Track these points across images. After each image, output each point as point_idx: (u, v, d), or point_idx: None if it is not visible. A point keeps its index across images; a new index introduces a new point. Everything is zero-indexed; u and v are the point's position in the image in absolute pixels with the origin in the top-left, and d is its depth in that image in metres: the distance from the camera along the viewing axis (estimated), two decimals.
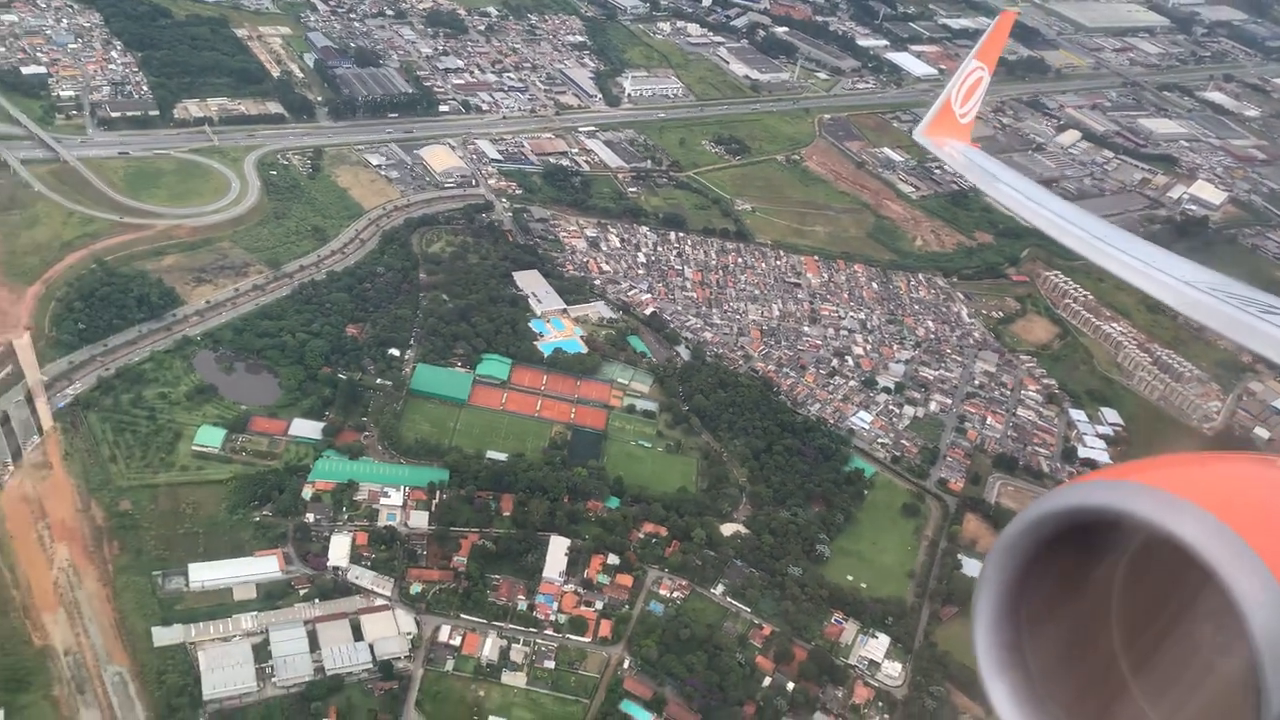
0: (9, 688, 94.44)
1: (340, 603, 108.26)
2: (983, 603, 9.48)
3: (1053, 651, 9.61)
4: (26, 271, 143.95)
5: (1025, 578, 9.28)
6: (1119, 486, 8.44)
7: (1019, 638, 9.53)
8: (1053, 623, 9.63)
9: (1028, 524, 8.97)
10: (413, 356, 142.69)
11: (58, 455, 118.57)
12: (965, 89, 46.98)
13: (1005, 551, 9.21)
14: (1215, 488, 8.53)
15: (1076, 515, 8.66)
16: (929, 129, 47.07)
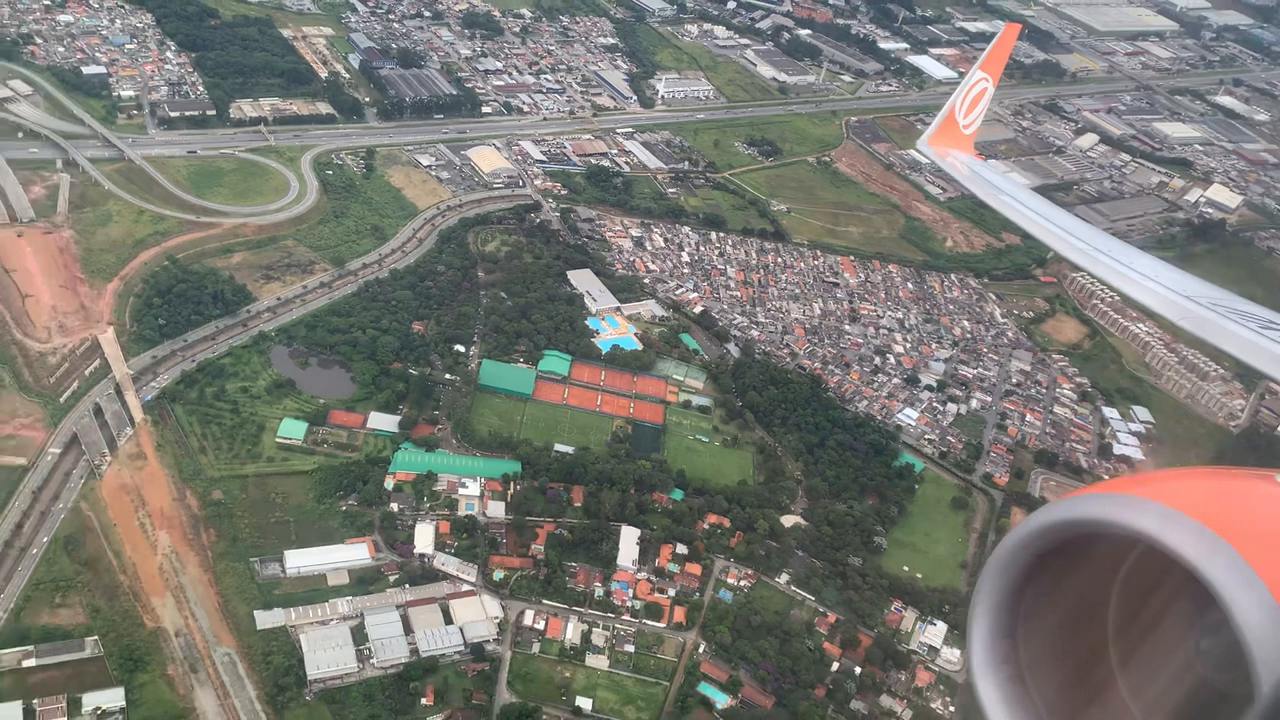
0: (127, 667, 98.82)
1: (429, 588, 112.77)
2: (980, 612, 9.55)
3: (1047, 661, 9.65)
4: (104, 268, 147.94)
5: (1022, 588, 9.37)
6: (1117, 500, 8.52)
7: (1014, 648, 9.59)
8: (1048, 633, 9.66)
9: (1027, 535, 9.07)
10: (477, 353, 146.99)
11: (150, 446, 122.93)
12: (969, 100, 46.91)
13: (1004, 562, 9.32)
14: (1213, 503, 8.52)
15: (1075, 528, 8.75)
16: (933, 139, 46.96)
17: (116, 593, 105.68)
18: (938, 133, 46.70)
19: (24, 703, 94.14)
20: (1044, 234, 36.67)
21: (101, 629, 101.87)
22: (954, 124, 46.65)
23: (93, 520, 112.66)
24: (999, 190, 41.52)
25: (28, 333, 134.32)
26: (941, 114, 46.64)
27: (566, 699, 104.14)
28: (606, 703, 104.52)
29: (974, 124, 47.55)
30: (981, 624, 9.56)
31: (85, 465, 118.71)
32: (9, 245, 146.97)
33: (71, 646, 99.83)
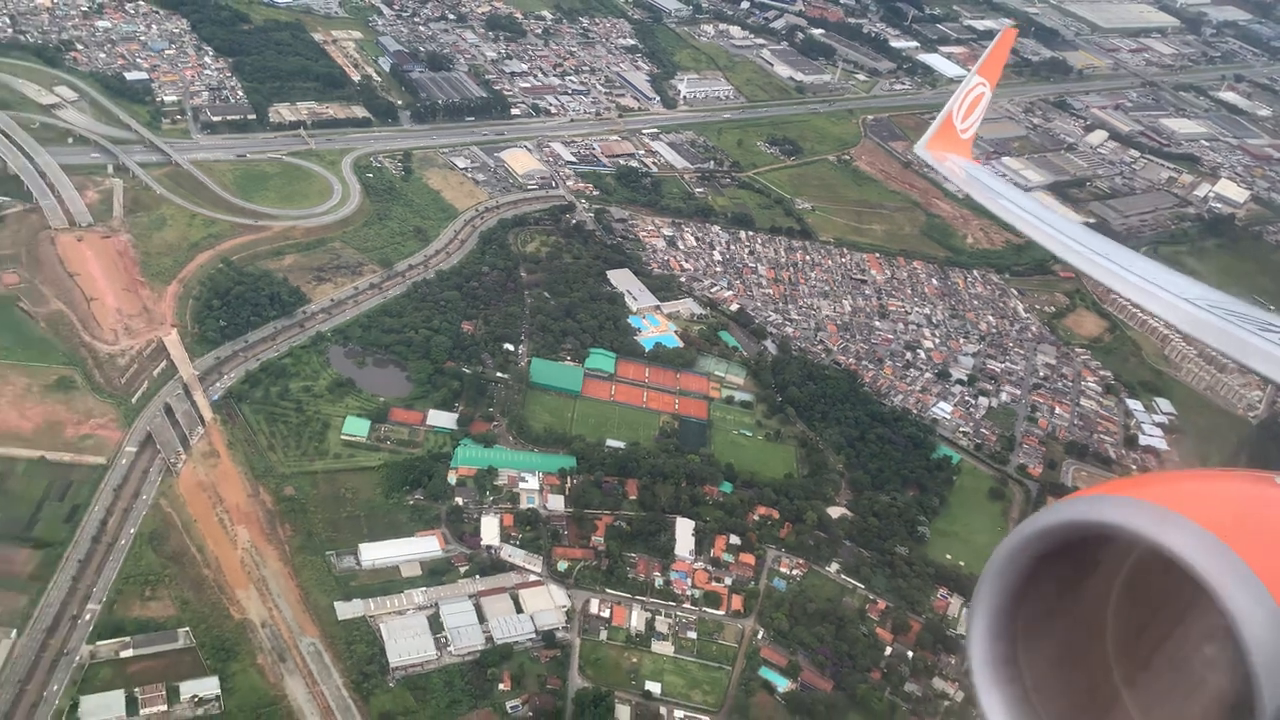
0: (219, 657, 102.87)
1: (498, 578, 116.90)
2: (979, 615, 9.49)
3: (1047, 664, 9.60)
4: (163, 271, 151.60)
5: (1022, 591, 9.30)
6: (1117, 502, 8.47)
7: (1014, 651, 9.53)
8: (1047, 636, 9.60)
9: (1026, 538, 9.01)
10: (525, 351, 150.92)
11: (222, 444, 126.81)
12: (967, 104, 46.41)
13: (1003, 564, 9.25)
14: (1213, 505, 8.51)
15: (1074, 530, 8.68)
16: (930, 143, 46.44)
17: (203, 586, 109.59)
18: (935, 137, 46.51)
19: (126, 691, 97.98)
20: (1043, 237, 36.56)
21: (191, 621, 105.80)
22: (951, 128, 46.42)
23: (173, 516, 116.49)
24: (997, 194, 41.31)
25: (95, 335, 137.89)
26: (939, 118, 46.46)
27: (636, 683, 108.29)
28: (674, 687, 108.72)
29: (971, 128, 47.31)
30: (980, 627, 9.52)
31: (161, 463, 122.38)
32: (71, 249, 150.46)
33: (165, 637, 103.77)
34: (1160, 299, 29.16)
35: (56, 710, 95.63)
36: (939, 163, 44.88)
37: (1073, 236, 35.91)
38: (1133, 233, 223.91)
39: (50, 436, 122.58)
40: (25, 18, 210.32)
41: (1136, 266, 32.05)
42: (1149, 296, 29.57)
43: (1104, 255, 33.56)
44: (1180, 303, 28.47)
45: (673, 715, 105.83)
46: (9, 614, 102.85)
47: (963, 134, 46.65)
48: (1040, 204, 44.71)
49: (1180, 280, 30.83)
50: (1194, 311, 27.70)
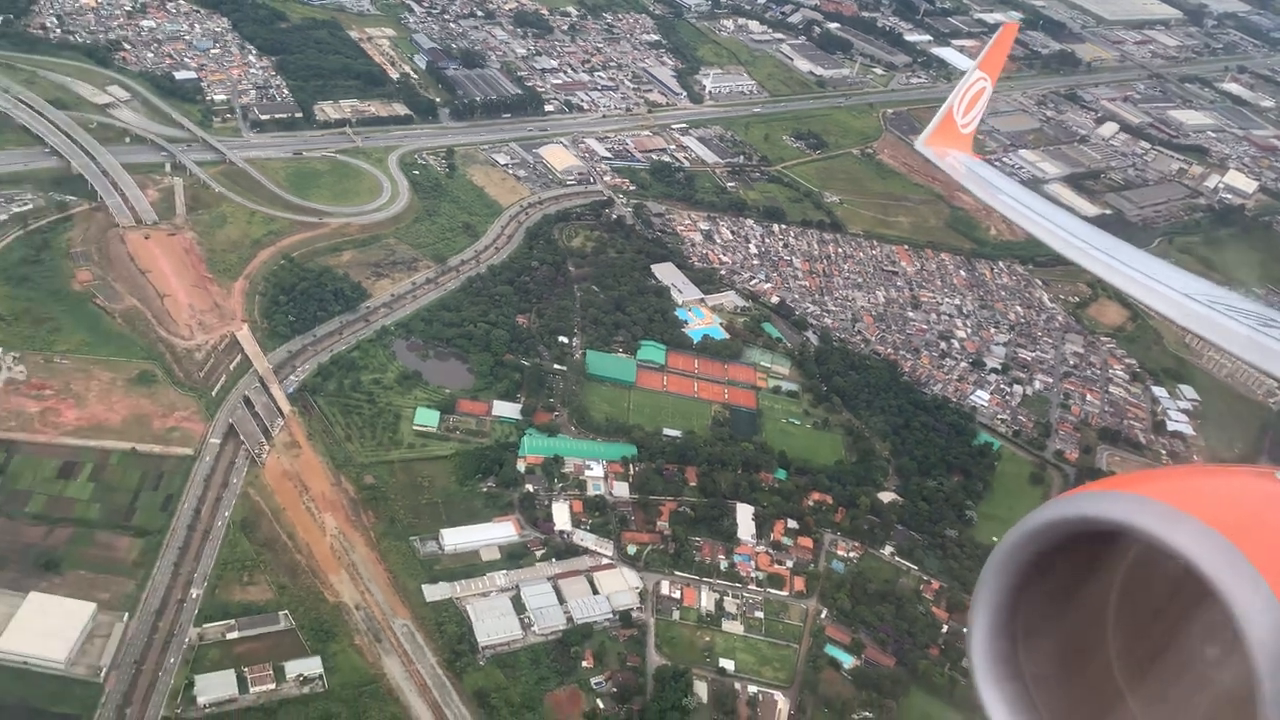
0: (319, 638, 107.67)
1: (573, 561, 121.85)
2: (979, 611, 9.44)
3: (1048, 661, 9.54)
4: (229, 268, 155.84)
5: (1022, 588, 9.24)
6: (1118, 498, 8.44)
7: (1015, 647, 9.48)
8: (1049, 633, 9.54)
9: (1027, 533, 8.94)
10: (579, 344, 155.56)
11: (302, 435, 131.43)
12: (968, 99, 46.22)
13: (1003, 560, 9.19)
14: (1215, 501, 8.46)
15: (1075, 526, 8.64)
16: (930, 139, 46.15)
17: (297, 571, 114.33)
18: (936, 132, 46.23)
19: (236, 670, 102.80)
20: (1043, 233, 36.53)
21: (289, 604, 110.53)
22: (952, 124, 46.20)
23: (262, 505, 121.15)
24: (998, 189, 41.55)
25: (171, 331, 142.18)
26: (940, 114, 46.22)
27: (710, 661, 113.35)
28: (746, 664, 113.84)
29: (972, 123, 47.08)
30: (981, 622, 9.45)
31: (245, 454, 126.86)
32: (140, 247, 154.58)
33: (268, 620, 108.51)
34: (1161, 294, 29.50)
35: (172, 689, 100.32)
36: (939, 158, 44.92)
37: (1073, 232, 36.30)
38: (1147, 224, 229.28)
39: (139, 429, 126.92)
40: (72, 17, 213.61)
41: (1137, 262, 32.51)
42: (1149, 292, 29.97)
43: (1104, 250, 33.94)
44: (1181, 298, 28.91)
45: (746, 690, 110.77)
46: (119, 598, 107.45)
47: (963, 129, 46.59)
48: (1040, 199, 43.54)
49: (1180, 275, 31.61)
50: (1195, 307, 28.11)
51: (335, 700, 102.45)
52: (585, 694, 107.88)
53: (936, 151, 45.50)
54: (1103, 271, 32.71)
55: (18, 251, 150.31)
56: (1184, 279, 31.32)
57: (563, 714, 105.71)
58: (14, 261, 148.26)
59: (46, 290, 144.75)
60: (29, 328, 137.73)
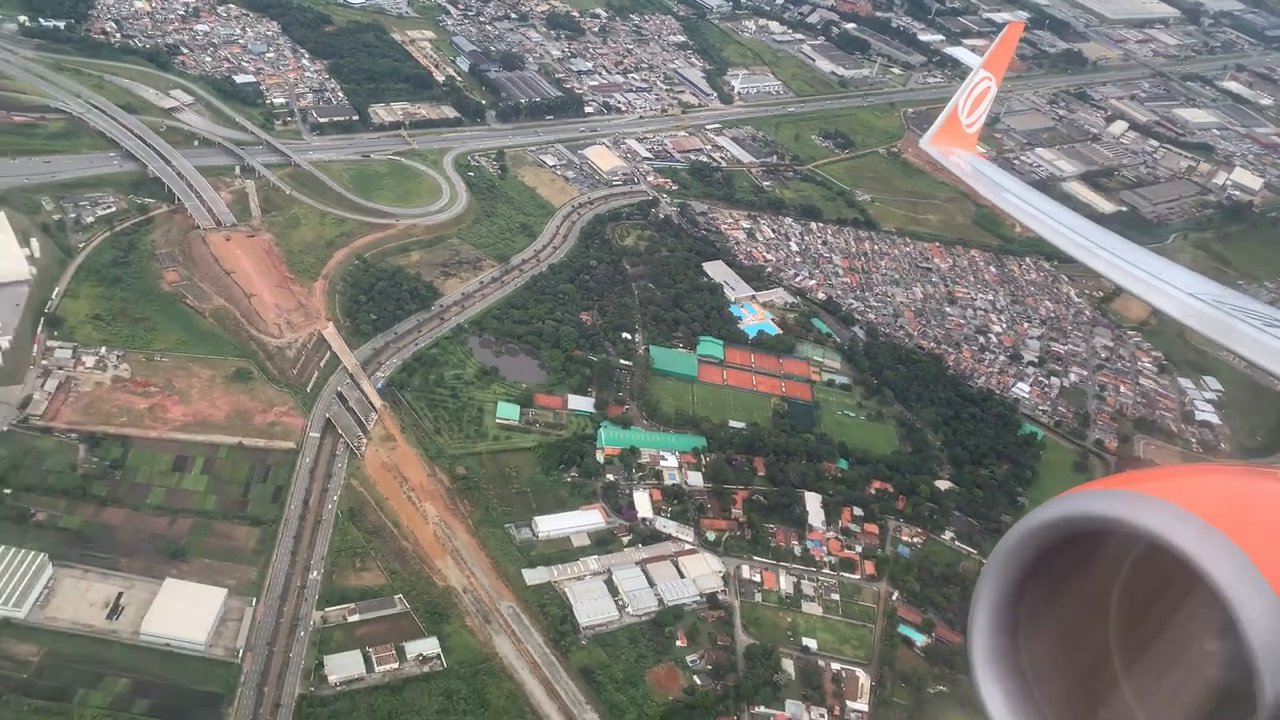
0: (433, 619, 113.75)
1: (658, 547, 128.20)
2: (981, 607, 9.52)
3: (1048, 658, 9.61)
4: (307, 268, 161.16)
5: (1024, 584, 9.31)
6: (1120, 496, 8.50)
7: (1015, 644, 9.57)
8: (1049, 629, 9.60)
9: (1028, 531, 9.03)
10: (641, 339, 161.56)
11: (395, 429, 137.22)
12: (973, 99, 46.09)
13: (1005, 558, 9.25)
14: (1217, 500, 8.48)
15: (1076, 524, 8.72)
16: (935, 138, 46.19)
17: (405, 557, 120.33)
18: (940, 132, 46.27)
19: (361, 651, 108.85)
20: (1047, 231, 36.58)
21: (402, 588, 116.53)
22: (957, 123, 46.13)
23: (365, 495, 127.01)
24: (1002, 188, 41.53)
25: (261, 329, 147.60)
26: (944, 113, 46.21)
27: (794, 639, 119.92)
28: (826, 642, 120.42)
29: (977, 123, 47.02)
30: (982, 619, 9.49)
31: (344, 447, 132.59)
32: (222, 248, 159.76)
33: (384, 603, 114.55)
34: (1165, 293, 29.43)
35: (304, 669, 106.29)
36: (944, 157, 44.82)
37: (1077, 230, 36.25)
38: (1162, 220, 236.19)
39: (242, 424, 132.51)
40: (129, 22, 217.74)
41: (1141, 261, 32.35)
42: (1155, 291, 29.86)
43: (1110, 249, 33.92)
44: (1185, 297, 28.77)
45: (830, 667, 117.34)
46: (244, 584, 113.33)
47: (968, 128, 46.60)
48: (1044, 197, 43.65)
49: (1185, 275, 31.38)
50: (1199, 306, 27.97)
51: (454, 678, 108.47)
52: (682, 671, 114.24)
53: (941, 151, 45.43)
54: (1108, 270, 32.60)
55: (107, 253, 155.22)
56: (1189, 278, 30.83)
57: (663, 689, 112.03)
58: (105, 263, 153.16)
59: (138, 290, 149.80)
60: (127, 327, 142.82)
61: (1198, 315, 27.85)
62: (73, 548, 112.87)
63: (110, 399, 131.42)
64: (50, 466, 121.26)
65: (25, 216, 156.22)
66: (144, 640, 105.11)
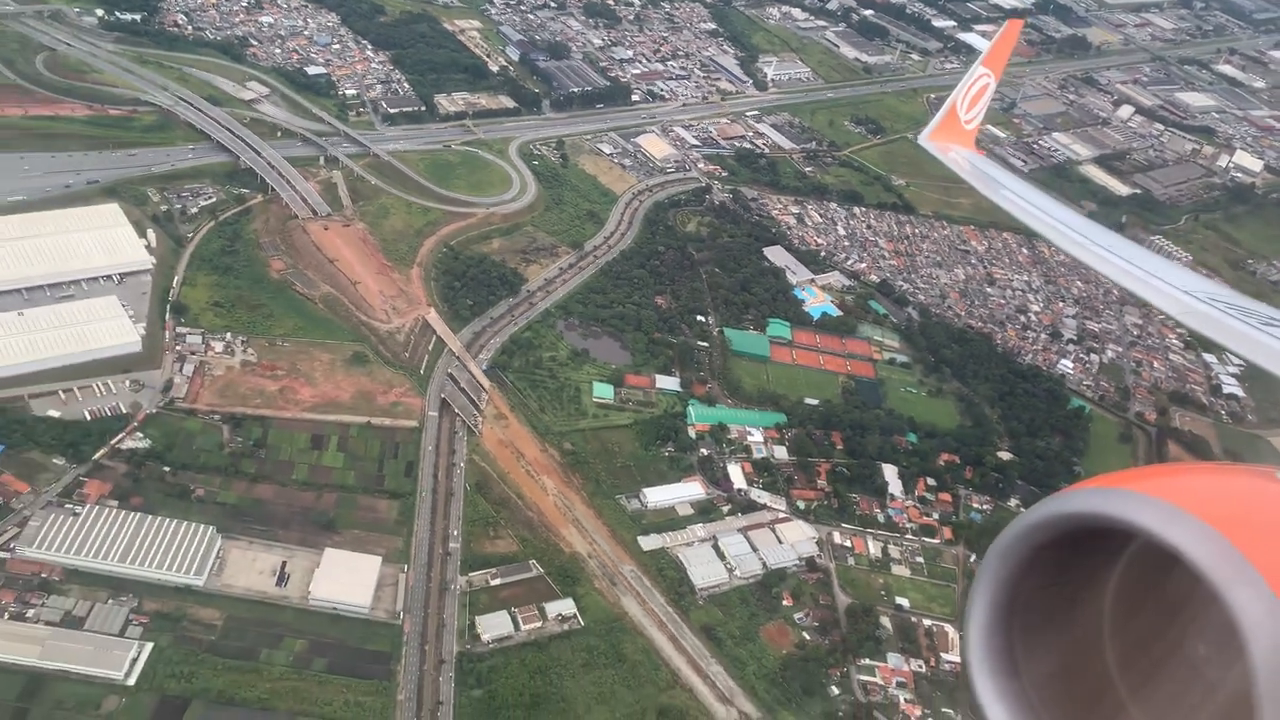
0: (565, 582, 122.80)
1: (755, 516, 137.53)
2: (976, 608, 9.43)
3: (1046, 660, 9.53)
4: (403, 256, 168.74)
5: (1021, 583, 9.21)
6: (1118, 495, 8.40)
7: (1012, 645, 9.46)
8: (1046, 631, 9.52)
9: (1024, 529, 8.94)
10: (714, 322, 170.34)
11: (505, 407, 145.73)
12: (971, 95, 46.33)
13: (1001, 557, 9.16)
14: (1214, 500, 8.37)
15: (1073, 522, 8.59)
16: (934, 134, 46.03)
17: (533, 526, 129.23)
18: (939, 128, 46.33)
19: (508, 611, 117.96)
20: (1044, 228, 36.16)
21: (533, 554, 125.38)
22: (955, 119, 46.28)
23: (487, 470, 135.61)
24: (1000, 185, 41.41)
25: (369, 315, 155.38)
26: (943, 109, 46.32)
27: (888, 599, 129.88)
28: (916, 601, 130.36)
29: (975, 119, 47.13)
30: (978, 617, 9.44)
31: (461, 425, 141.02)
32: (322, 237, 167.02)
33: (521, 568, 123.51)
34: (1161, 291, 29.03)
35: (459, 629, 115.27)
36: (942, 154, 44.93)
37: (1074, 228, 35.81)
38: (1173, 202, 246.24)
39: (366, 404, 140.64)
40: (197, 14, 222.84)
41: (1138, 259, 32.10)
42: (1149, 288, 29.44)
43: (1107, 247, 33.51)
44: (1180, 295, 28.44)
45: (922, 623, 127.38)
46: (392, 552, 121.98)
47: (966, 125, 46.85)
48: (1041, 194, 43.37)
49: (1180, 272, 31.67)
50: (1194, 304, 27.60)
51: (591, 635, 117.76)
52: (791, 628, 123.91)
53: (939, 146, 45.47)
54: (1105, 267, 32.18)
55: (214, 242, 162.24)
56: (1185, 276, 30.80)
57: (776, 645, 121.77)
58: (214, 252, 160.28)
59: (250, 278, 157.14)
60: (246, 313, 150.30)
61: (1193, 313, 27.47)
62: (234, 521, 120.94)
63: (243, 382, 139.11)
64: (200, 446, 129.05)
65: (135, 208, 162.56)
66: (313, 604, 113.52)
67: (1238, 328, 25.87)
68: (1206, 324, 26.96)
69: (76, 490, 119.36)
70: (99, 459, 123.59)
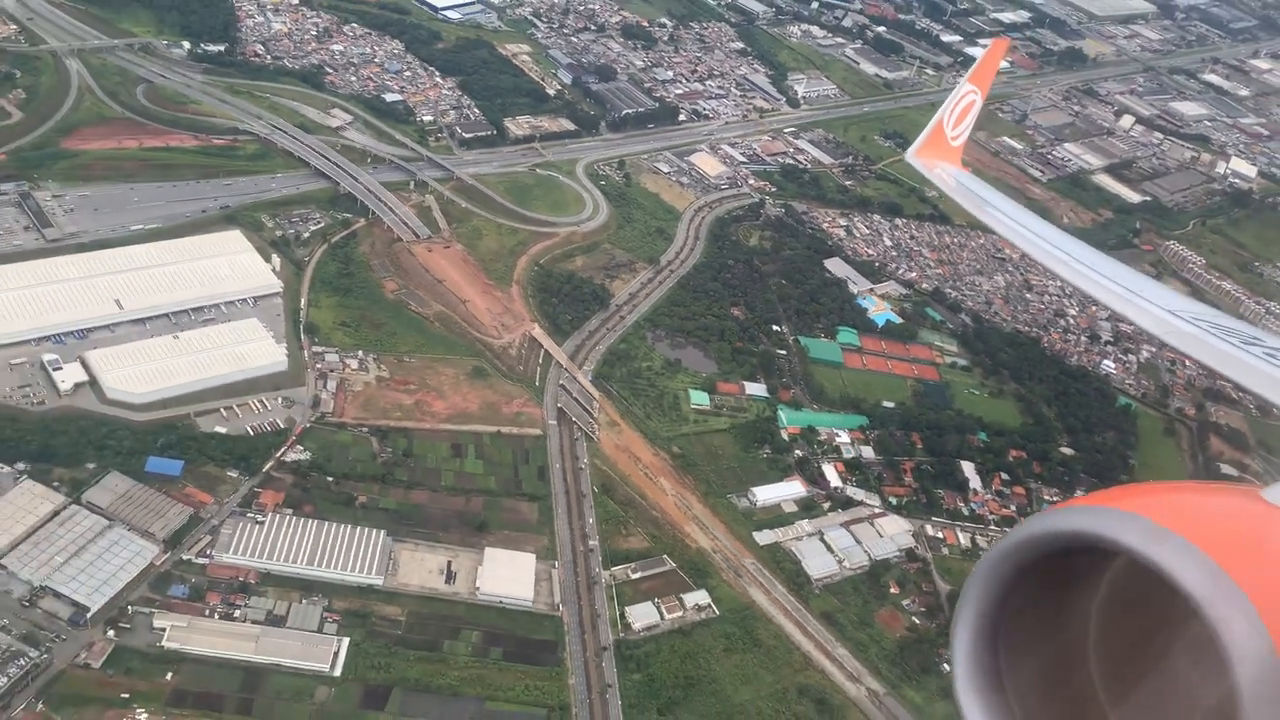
0: (696, 575, 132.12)
1: (854, 511, 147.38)
2: (962, 624, 9.41)
3: (1030, 674, 9.58)
4: (501, 275, 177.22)
5: (1006, 600, 9.22)
6: (1104, 513, 8.38)
7: (997, 659, 9.48)
8: (1031, 648, 9.58)
9: (1009, 547, 8.93)
10: (789, 331, 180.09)
11: (616, 415, 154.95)
12: (958, 112, 45.92)
13: (987, 574, 9.15)
14: (1198, 518, 8.38)
15: (1059, 540, 8.58)
16: (920, 150, 45.59)
17: (658, 524, 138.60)
18: (925, 144, 45.85)
19: (652, 602, 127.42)
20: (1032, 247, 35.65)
21: (664, 550, 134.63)
22: (942, 136, 45.96)
23: (609, 473, 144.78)
24: (985, 202, 40.77)
25: (482, 331, 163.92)
26: (930, 126, 46.03)
27: None
28: None
29: (962, 136, 47.03)
30: (964, 634, 9.47)
31: (579, 432, 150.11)
32: (427, 258, 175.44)
33: (656, 563, 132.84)
34: (1143, 310, 28.69)
35: (610, 618, 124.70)
36: (929, 170, 44.77)
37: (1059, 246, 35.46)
38: (1180, 208, 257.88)
39: (494, 414, 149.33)
40: (272, 43, 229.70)
41: (1122, 278, 31.50)
42: (1132, 307, 29.14)
43: (1090, 265, 33.03)
44: (1163, 314, 28.01)
45: None
46: (542, 550, 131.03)
47: (953, 141, 46.69)
48: (1026, 212, 42.82)
49: (1162, 291, 31.37)
50: (1178, 324, 27.22)
51: (727, 623, 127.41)
52: (901, 613, 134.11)
53: (926, 163, 45.12)
54: (1088, 286, 31.73)
55: (330, 265, 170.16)
56: (1167, 296, 30.42)
57: (889, 628, 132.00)
58: (332, 274, 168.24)
59: (368, 299, 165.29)
60: (371, 332, 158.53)
61: (1176, 333, 27.16)
62: (398, 525, 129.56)
63: (381, 397, 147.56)
64: (355, 456, 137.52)
65: (254, 233, 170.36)
66: (481, 599, 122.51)
67: (1221, 347, 25.22)
68: (1191, 344, 26.36)
69: (254, 500, 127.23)
70: (268, 471, 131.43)
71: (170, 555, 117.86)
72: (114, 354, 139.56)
